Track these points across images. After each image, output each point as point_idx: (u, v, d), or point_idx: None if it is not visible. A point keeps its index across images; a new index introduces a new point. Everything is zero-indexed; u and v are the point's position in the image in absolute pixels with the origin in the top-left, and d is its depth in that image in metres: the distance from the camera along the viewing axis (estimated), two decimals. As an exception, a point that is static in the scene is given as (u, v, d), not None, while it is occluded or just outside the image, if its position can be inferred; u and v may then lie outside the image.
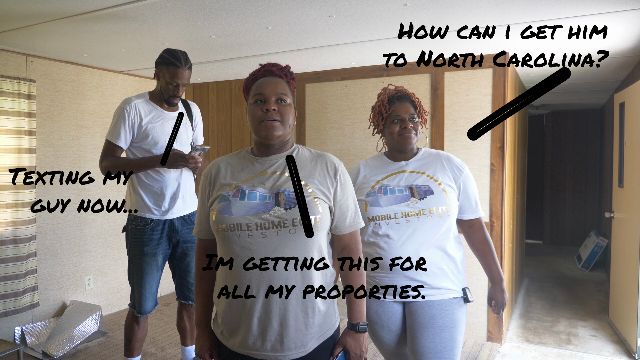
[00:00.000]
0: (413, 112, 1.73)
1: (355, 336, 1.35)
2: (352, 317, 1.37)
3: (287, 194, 1.27)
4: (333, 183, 1.34)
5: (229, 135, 4.45)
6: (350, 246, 1.39)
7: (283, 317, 1.25)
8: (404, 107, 1.74)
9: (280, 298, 1.25)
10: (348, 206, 1.37)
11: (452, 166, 1.74)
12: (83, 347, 3.25)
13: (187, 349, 2.71)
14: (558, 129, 7.11)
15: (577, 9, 2.30)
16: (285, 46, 3.09)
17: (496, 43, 3.00)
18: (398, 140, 1.73)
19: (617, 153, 3.84)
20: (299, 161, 1.35)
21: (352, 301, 1.37)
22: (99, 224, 3.84)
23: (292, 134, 1.43)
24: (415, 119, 1.73)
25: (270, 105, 1.30)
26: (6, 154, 3.11)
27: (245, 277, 1.26)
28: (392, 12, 2.38)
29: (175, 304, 4.13)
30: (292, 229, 1.24)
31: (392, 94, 1.77)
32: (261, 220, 1.24)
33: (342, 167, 1.38)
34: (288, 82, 1.38)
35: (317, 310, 1.29)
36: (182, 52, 2.32)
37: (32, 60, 3.33)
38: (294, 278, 1.25)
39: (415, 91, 3.56)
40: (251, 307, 1.26)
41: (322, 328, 1.32)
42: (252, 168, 1.35)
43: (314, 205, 1.27)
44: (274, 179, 1.31)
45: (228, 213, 1.27)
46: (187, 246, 2.51)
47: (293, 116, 1.36)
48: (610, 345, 3.39)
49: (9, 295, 3.14)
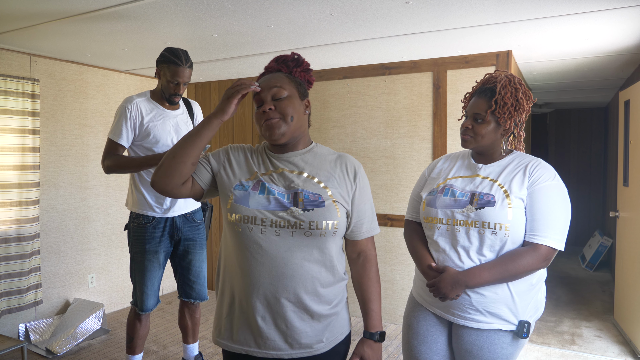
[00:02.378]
0: (482, 110, 1.48)
1: (373, 346, 1.30)
2: (369, 325, 1.31)
3: (306, 194, 1.22)
4: (352, 187, 1.29)
5: (231, 134, 4.46)
6: (367, 252, 1.34)
7: (288, 318, 1.22)
8: (476, 103, 1.52)
9: (287, 298, 1.21)
10: (365, 212, 1.31)
11: (532, 177, 1.45)
12: (86, 344, 3.27)
13: (188, 346, 2.72)
14: (562, 128, 7.06)
15: (580, 5, 2.29)
16: (287, 45, 3.09)
17: (499, 40, 2.98)
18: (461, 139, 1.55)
19: (622, 151, 3.81)
20: (317, 160, 1.30)
21: (369, 309, 1.31)
22: (102, 222, 3.86)
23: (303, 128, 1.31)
24: (480, 120, 1.49)
25: (265, 105, 1.24)
26: (10, 153, 3.13)
27: (252, 274, 1.22)
28: (394, 10, 2.38)
29: (177, 302, 4.14)
30: (308, 231, 1.20)
31: (480, 87, 1.55)
32: (277, 217, 1.21)
33: (362, 170, 1.33)
34: (290, 73, 1.31)
35: (325, 312, 1.25)
36: (183, 50, 2.32)
37: (35, 60, 3.35)
38: (303, 279, 1.22)
39: (417, 89, 3.56)
40: (256, 305, 1.22)
41: (332, 332, 1.28)
42: (268, 164, 1.30)
43: (333, 209, 1.22)
44: (291, 178, 1.26)
45: (244, 204, 1.23)
46: (189, 244, 2.51)
47: (297, 108, 1.26)
48: (615, 346, 3.36)
49: (12, 293, 3.16)
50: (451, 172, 1.60)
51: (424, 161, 3.56)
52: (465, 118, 1.56)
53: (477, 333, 1.47)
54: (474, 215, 1.45)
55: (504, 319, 1.45)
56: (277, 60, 1.33)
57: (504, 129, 1.50)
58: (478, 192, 1.48)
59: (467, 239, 1.46)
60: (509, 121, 1.48)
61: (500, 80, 1.50)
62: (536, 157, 1.52)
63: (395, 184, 3.67)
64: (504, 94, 1.47)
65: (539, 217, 1.41)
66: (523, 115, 1.50)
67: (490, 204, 1.43)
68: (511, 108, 1.47)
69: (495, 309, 1.44)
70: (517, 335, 1.45)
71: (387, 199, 3.68)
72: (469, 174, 1.55)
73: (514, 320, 1.45)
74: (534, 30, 2.73)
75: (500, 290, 1.44)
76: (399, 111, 3.64)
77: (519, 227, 1.42)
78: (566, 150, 7.00)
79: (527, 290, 1.46)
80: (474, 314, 1.46)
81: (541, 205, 1.41)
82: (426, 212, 1.57)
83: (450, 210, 1.50)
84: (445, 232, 1.50)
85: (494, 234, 1.42)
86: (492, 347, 1.45)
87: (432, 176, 1.65)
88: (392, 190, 3.69)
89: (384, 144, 3.70)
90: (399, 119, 3.64)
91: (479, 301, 1.45)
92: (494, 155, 1.54)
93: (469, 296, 1.45)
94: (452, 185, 1.54)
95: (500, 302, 1.44)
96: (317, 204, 1.22)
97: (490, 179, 1.49)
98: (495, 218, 1.42)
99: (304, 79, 1.34)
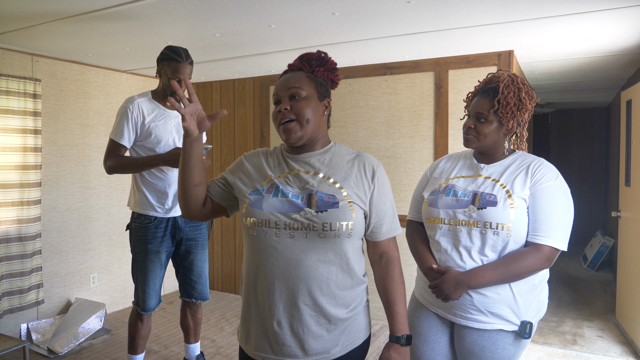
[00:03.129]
0: (484, 110, 1.48)
1: (400, 350, 1.25)
2: (394, 329, 1.26)
3: (320, 195, 1.20)
4: (370, 187, 1.25)
5: (232, 134, 4.46)
6: (389, 253, 1.30)
7: (305, 321, 1.20)
8: (478, 103, 1.50)
9: (303, 301, 1.19)
10: (385, 211, 1.28)
11: (534, 178, 1.43)
12: (88, 344, 3.27)
13: (190, 346, 2.72)
14: (563, 128, 7.05)
15: (582, 5, 2.28)
16: (289, 44, 3.09)
17: (501, 40, 2.98)
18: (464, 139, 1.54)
19: (623, 151, 3.81)
20: (334, 160, 1.28)
21: (394, 312, 1.26)
22: (104, 222, 3.86)
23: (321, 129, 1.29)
24: (482, 120, 1.48)
25: (282, 104, 1.23)
26: (12, 153, 3.14)
27: (267, 277, 1.21)
28: (395, 10, 2.37)
29: (178, 302, 4.14)
30: (322, 233, 1.18)
31: (483, 86, 1.55)
32: (290, 220, 1.19)
33: (381, 169, 1.29)
34: (312, 72, 1.28)
35: (342, 316, 1.23)
36: (183, 48, 2.32)
37: (37, 60, 3.35)
38: (319, 281, 1.19)
39: (418, 89, 3.55)
40: (271, 309, 1.21)
41: (349, 336, 1.25)
42: (284, 166, 1.29)
43: (347, 210, 1.20)
44: (306, 179, 1.24)
45: (258, 208, 1.22)
46: (191, 244, 2.51)
47: (315, 110, 1.24)
48: (616, 346, 3.35)
49: (14, 293, 3.16)
50: (453, 172, 1.59)
51: (425, 161, 3.56)
52: (468, 117, 1.55)
53: (479, 333, 1.46)
54: (476, 215, 1.44)
55: (506, 320, 1.44)
56: (301, 58, 1.31)
57: (506, 129, 1.50)
58: (480, 192, 1.47)
59: (469, 239, 1.45)
60: (511, 121, 1.47)
61: (503, 80, 1.49)
62: (539, 157, 1.52)
63: (396, 184, 3.67)
64: (506, 94, 1.46)
65: (542, 218, 1.40)
66: (526, 115, 1.49)
67: (493, 204, 1.42)
68: (514, 108, 1.46)
69: (497, 310, 1.44)
70: (519, 335, 1.44)
71: (389, 199, 3.68)
72: (471, 174, 1.54)
73: (516, 321, 1.44)
74: (535, 30, 2.73)
75: (502, 290, 1.43)
76: (400, 111, 3.64)
77: (521, 227, 1.41)
78: (568, 150, 6.99)
79: (530, 290, 1.46)
80: (476, 314, 1.45)
81: (544, 206, 1.40)
82: (428, 212, 1.56)
83: (452, 210, 1.49)
84: (447, 232, 1.49)
85: (496, 234, 1.41)
86: (494, 347, 1.44)
87: (434, 176, 1.64)
88: (393, 190, 3.68)
89: (385, 144, 3.70)
90: (401, 119, 3.64)
91: (481, 301, 1.44)
92: (497, 155, 1.54)
93: (471, 296, 1.45)
94: (454, 185, 1.53)
95: (503, 302, 1.43)
96: (330, 205, 1.19)
97: (492, 179, 1.48)
98: (498, 218, 1.41)
99: (327, 79, 1.32)
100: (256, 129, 4.33)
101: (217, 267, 4.59)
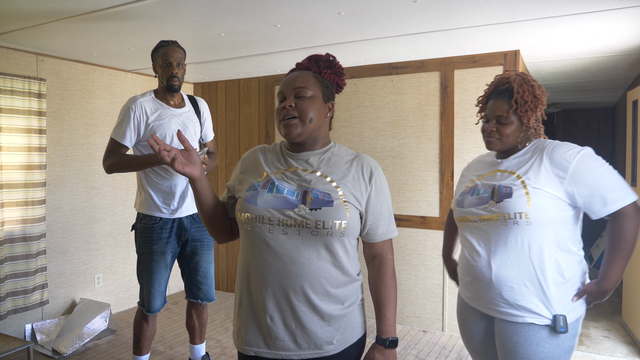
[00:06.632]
0: (503, 112, 1.51)
1: (384, 352, 1.26)
2: (381, 331, 1.28)
3: (315, 193, 1.21)
4: (367, 188, 1.26)
5: (237, 133, 4.45)
6: (383, 255, 1.31)
7: (297, 317, 1.21)
8: (496, 105, 1.54)
9: (296, 297, 1.20)
10: (382, 213, 1.28)
11: (554, 162, 1.43)
12: (92, 344, 3.27)
13: (195, 347, 2.71)
14: (569, 128, 7.02)
15: (589, 4, 2.27)
16: (294, 44, 3.08)
17: (507, 40, 2.96)
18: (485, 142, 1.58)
19: (629, 151, 3.79)
20: (333, 160, 1.28)
21: (382, 314, 1.28)
22: (109, 222, 3.86)
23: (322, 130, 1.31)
24: (503, 122, 1.52)
25: (287, 101, 1.24)
26: (16, 152, 3.14)
27: (260, 272, 1.22)
28: (401, 9, 2.36)
29: (184, 302, 4.14)
30: (315, 230, 1.19)
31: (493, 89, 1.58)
32: (284, 216, 1.20)
33: (379, 171, 1.29)
34: (319, 73, 1.29)
35: (335, 313, 1.24)
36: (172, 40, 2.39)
37: (42, 59, 3.35)
38: (311, 278, 1.20)
39: (424, 89, 3.54)
40: (264, 304, 1.22)
41: (344, 334, 1.26)
42: (283, 162, 1.30)
43: (342, 209, 1.20)
44: (303, 176, 1.25)
45: (253, 203, 1.23)
46: (196, 245, 2.51)
47: (318, 110, 1.25)
48: (623, 346, 3.33)
49: (18, 293, 3.16)
50: (478, 172, 1.65)
51: (431, 161, 3.55)
52: (486, 122, 1.59)
53: (512, 328, 1.47)
54: (495, 209, 1.48)
55: (536, 313, 1.43)
56: (310, 58, 1.32)
57: (526, 126, 1.53)
58: (497, 185, 1.51)
59: (493, 233, 1.49)
60: (531, 118, 1.52)
61: (514, 80, 1.53)
62: (550, 140, 1.53)
63: (402, 184, 3.65)
64: (522, 93, 1.51)
65: (599, 189, 1.40)
66: (542, 110, 1.55)
67: (508, 196, 1.45)
68: (531, 105, 1.51)
69: (526, 302, 1.44)
70: (553, 330, 1.42)
71: (394, 199, 3.66)
72: (491, 171, 1.59)
73: (548, 314, 1.43)
74: (541, 30, 2.71)
75: (529, 283, 1.44)
76: (406, 111, 3.62)
77: (540, 213, 1.41)
78: (572, 150, 6.96)
79: (560, 284, 1.45)
80: (506, 307, 1.47)
81: (590, 179, 1.40)
82: (457, 212, 1.62)
83: (476, 208, 1.54)
84: (474, 230, 1.55)
85: (516, 224, 1.44)
86: (527, 343, 1.44)
87: (463, 178, 1.73)
88: (399, 190, 3.67)
89: (391, 144, 3.69)
90: (406, 119, 3.62)
91: (509, 295, 1.46)
92: (514, 150, 1.58)
93: (499, 289, 1.47)
94: (477, 185, 1.59)
95: (531, 294, 1.44)
96: (325, 203, 1.20)
97: (508, 172, 1.52)
98: (514, 208, 1.43)
99: (333, 82, 1.33)
100: (261, 128, 4.32)
101: (222, 267, 4.58)
